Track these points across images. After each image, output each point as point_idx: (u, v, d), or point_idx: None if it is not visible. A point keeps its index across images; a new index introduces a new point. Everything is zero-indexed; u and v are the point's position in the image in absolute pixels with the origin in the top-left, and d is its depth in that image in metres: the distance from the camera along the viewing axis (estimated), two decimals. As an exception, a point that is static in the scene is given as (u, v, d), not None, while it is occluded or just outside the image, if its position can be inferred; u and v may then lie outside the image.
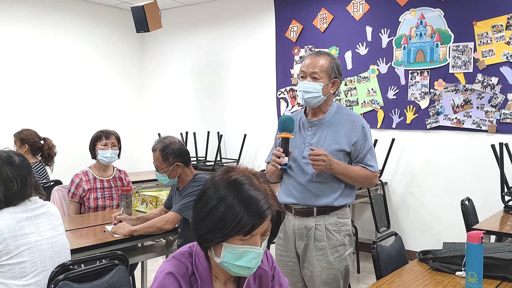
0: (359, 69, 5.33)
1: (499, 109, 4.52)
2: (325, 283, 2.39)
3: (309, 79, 2.38)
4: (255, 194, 1.31)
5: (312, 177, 2.38)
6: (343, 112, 2.48)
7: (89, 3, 6.77)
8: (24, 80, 6.13)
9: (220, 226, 1.28)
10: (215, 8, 6.57)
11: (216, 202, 1.30)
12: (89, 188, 3.48)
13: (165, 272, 1.32)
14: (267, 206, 1.30)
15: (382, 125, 5.18)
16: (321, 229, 2.39)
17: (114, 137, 3.61)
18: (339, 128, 2.41)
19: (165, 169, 2.89)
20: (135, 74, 7.39)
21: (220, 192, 1.31)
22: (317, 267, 2.39)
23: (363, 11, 5.27)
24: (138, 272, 3.67)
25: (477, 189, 4.56)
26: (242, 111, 6.35)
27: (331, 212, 2.40)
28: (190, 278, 1.34)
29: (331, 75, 2.40)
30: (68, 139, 6.36)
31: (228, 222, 1.27)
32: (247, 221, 1.27)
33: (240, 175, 1.35)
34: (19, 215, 2.04)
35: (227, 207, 1.28)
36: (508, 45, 4.46)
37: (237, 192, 1.30)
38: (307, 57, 2.45)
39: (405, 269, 2.31)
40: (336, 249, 2.40)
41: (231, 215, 1.27)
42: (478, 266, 1.96)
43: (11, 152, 2.16)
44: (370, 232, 5.17)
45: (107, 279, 1.92)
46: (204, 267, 1.35)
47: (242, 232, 1.27)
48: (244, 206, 1.28)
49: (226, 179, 1.34)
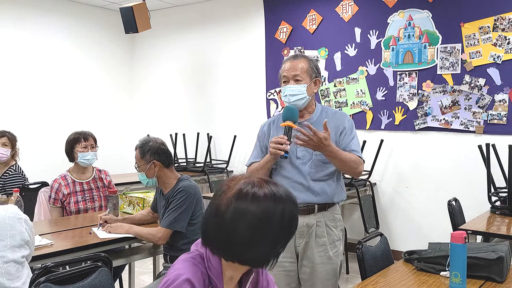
0: (348, 70, 5.34)
1: (487, 110, 4.55)
2: (326, 279, 2.42)
3: (292, 82, 2.42)
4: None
5: (310, 175, 2.41)
6: (328, 111, 2.54)
7: (77, 4, 6.73)
8: (12, 81, 6.08)
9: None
10: (205, 9, 6.56)
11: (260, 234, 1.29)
12: (68, 192, 3.42)
13: (181, 276, 1.28)
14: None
15: (371, 126, 5.19)
16: (321, 226, 2.43)
17: (92, 138, 3.54)
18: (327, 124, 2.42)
19: (142, 166, 2.86)
20: (124, 75, 7.36)
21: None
22: (318, 263, 2.42)
23: (352, 13, 5.29)
24: (126, 274, 3.66)
25: (465, 190, 4.59)
26: (232, 112, 6.34)
27: (329, 208, 2.46)
28: (204, 282, 1.31)
29: (312, 75, 2.45)
30: (57, 140, 6.30)
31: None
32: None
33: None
34: None
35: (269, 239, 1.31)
36: (495, 47, 4.49)
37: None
38: (285, 62, 2.48)
39: (390, 270, 2.32)
40: (335, 244, 2.46)
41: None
42: (461, 266, 1.97)
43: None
44: (359, 233, 5.18)
45: (89, 281, 1.91)
46: (218, 272, 1.33)
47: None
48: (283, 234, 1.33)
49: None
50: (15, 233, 2.03)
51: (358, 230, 5.24)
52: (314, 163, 2.41)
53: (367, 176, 5.11)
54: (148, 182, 2.91)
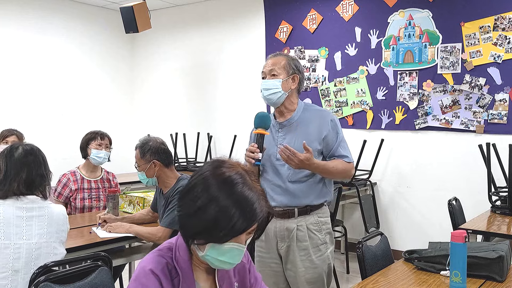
0: (348, 70, 5.34)
1: (487, 109, 4.55)
2: (310, 283, 2.38)
3: (268, 77, 2.41)
4: (250, 195, 1.25)
5: (288, 177, 2.36)
6: (311, 109, 2.48)
7: (78, 3, 6.73)
8: (12, 80, 6.08)
9: (212, 229, 1.23)
10: (205, 9, 6.56)
11: (207, 201, 1.24)
12: (76, 188, 3.46)
13: (144, 268, 1.30)
14: (260, 209, 1.26)
15: (371, 125, 5.19)
16: (303, 230, 2.37)
17: (108, 139, 3.62)
18: (309, 126, 2.39)
19: (142, 166, 2.87)
20: (125, 75, 7.36)
21: (212, 191, 1.25)
22: (300, 267, 2.38)
23: (352, 12, 5.28)
24: (126, 274, 3.66)
25: (465, 189, 4.59)
26: (232, 112, 6.34)
27: (312, 211, 2.39)
28: (170, 272, 1.31)
29: (289, 71, 2.40)
30: (57, 140, 6.32)
31: (221, 226, 1.22)
32: (241, 226, 1.23)
33: (234, 173, 1.28)
34: (8, 211, 2.03)
35: (220, 209, 1.22)
36: (495, 46, 4.49)
37: (231, 192, 1.24)
38: (266, 60, 2.49)
39: (391, 269, 2.32)
40: (319, 248, 2.39)
41: (224, 219, 1.22)
42: (462, 265, 1.97)
43: (21, 146, 2.16)
44: (359, 233, 5.17)
45: (89, 280, 1.91)
46: (184, 260, 1.33)
47: (234, 235, 1.24)
48: (239, 209, 1.23)
49: (218, 176, 1.28)
50: (64, 229, 2.22)
51: (358, 229, 5.23)
52: None
53: (367, 175, 5.10)
54: (148, 181, 2.91)
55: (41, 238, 2.08)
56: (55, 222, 2.17)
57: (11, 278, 1.99)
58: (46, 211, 2.15)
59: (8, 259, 1.99)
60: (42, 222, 2.11)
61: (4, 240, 2.00)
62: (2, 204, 2.06)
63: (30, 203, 2.10)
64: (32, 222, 2.08)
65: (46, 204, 2.17)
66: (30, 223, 2.08)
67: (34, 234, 2.07)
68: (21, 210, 2.07)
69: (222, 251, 1.27)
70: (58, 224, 2.18)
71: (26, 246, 2.04)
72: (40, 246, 2.09)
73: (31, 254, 2.05)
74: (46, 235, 2.11)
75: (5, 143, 4.15)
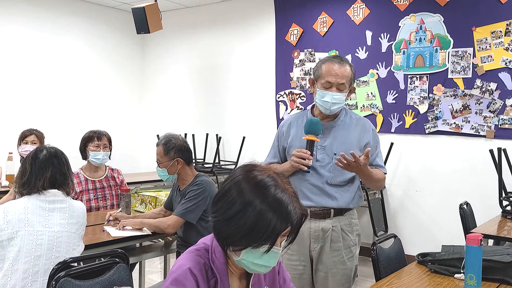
0: (359, 73, 5.34)
1: (498, 114, 4.54)
2: (339, 284, 2.41)
3: (335, 89, 2.35)
4: (283, 198, 1.26)
5: (328, 179, 2.39)
6: (351, 115, 2.50)
7: (89, 4, 6.78)
8: (24, 80, 6.13)
9: (252, 234, 1.24)
10: (216, 11, 6.59)
11: (242, 206, 1.25)
12: (81, 190, 3.45)
13: (183, 267, 1.31)
14: (294, 210, 1.27)
15: (381, 129, 5.19)
16: (337, 231, 2.41)
17: (106, 138, 3.56)
18: (350, 131, 2.42)
19: (165, 163, 2.90)
20: (135, 75, 7.40)
21: (246, 196, 1.25)
22: (332, 268, 2.40)
23: (363, 15, 5.30)
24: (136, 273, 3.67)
25: (475, 194, 4.58)
26: (241, 113, 6.36)
27: (346, 213, 2.44)
28: (207, 273, 1.33)
29: (352, 84, 2.43)
30: (67, 139, 6.33)
31: (260, 230, 1.23)
32: (278, 228, 1.24)
33: (266, 176, 1.29)
34: (32, 202, 2.15)
35: (257, 213, 1.23)
36: (507, 51, 4.49)
37: (265, 196, 1.25)
38: (330, 63, 2.36)
39: (404, 271, 2.32)
40: (350, 249, 2.44)
41: (262, 223, 1.23)
42: (477, 268, 1.97)
43: (45, 148, 2.29)
44: (368, 236, 5.17)
45: (108, 277, 1.93)
46: (221, 263, 1.34)
47: (272, 239, 1.25)
48: (274, 213, 1.24)
49: (251, 180, 1.28)
50: (83, 222, 2.34)
51: (367, 233, 5.23)
52: (333, 167, 2.36)
53: (376, 179, 5.10)
54: (168, 178, 2.94)
55: (62, 227, 2.20)
56: (76, 215, 2.29)
57: (33, 262, 2.09)
58: (68, 204, 2.27)
59: (31, 245, 2.09)
60: (64, 213, 2.23)
61: (28, 228, 2.11)
62: (27, 197, 2.19)
63: (52, 196, 2.22)
64: (54, 213, 2.20)
65: (68, 199, 2.29)
66: (52, 213, 2.20)
67: (55, 223, 2.19)
68: (44, 202, 2.19)
69: (258, 254, 1.27)
70: (78, 217, 2.30)
71: (48, 233, 2.15)
72: (61, 235, 2.19)
73: (52, 242, 2.16)
74: (67, 225, 2.22)
75: (25, 143, 4.18)
